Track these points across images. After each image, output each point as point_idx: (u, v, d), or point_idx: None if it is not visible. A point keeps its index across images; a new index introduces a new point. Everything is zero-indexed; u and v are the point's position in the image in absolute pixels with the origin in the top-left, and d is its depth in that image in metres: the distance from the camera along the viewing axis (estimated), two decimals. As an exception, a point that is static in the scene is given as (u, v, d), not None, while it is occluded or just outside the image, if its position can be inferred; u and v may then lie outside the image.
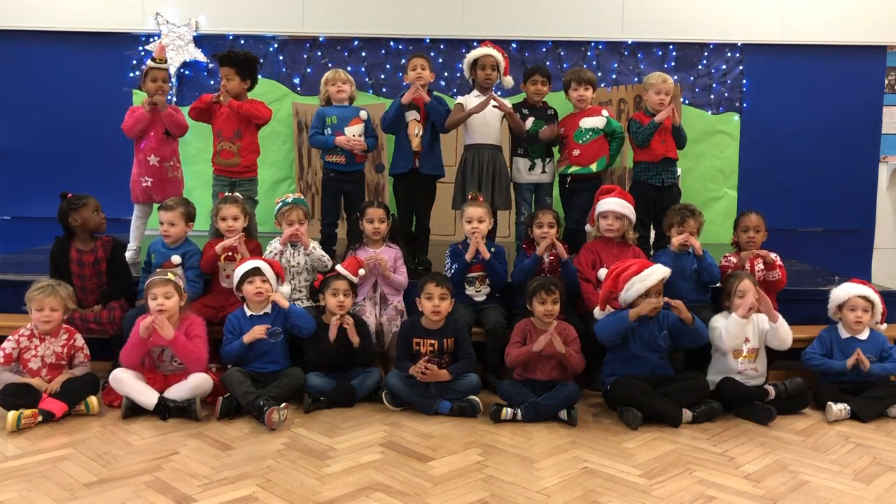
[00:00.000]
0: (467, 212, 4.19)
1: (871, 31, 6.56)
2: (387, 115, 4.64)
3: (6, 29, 6.46)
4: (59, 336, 3.65)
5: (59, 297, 3.60)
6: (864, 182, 6.76)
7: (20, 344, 3.59)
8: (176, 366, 3.65)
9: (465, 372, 3.68)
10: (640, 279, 3.63)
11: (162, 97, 4.62)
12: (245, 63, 4.71)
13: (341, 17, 6.51)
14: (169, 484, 2.79)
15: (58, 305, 3.59)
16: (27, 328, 3.63)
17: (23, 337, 3.61)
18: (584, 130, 4.67)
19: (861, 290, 3.91)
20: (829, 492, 2.86)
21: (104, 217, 4.16)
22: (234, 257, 4.09)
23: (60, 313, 3.61)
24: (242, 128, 4.69)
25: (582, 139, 4.67)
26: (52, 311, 3.58)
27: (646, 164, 4.71)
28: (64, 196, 4.10)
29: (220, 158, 4.72)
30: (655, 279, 3.62)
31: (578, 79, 4.69)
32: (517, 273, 4.18)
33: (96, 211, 4.10)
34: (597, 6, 6.55)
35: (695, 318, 3.67)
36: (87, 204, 4.06)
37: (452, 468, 3.00)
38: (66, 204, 4.07)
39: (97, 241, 4.13)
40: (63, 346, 3.65)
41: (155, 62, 4.67)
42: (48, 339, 3.62)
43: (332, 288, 3.78)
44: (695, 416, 3.54)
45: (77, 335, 3.72)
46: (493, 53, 4.67)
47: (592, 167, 4.66)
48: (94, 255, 4.09)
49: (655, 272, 3.64)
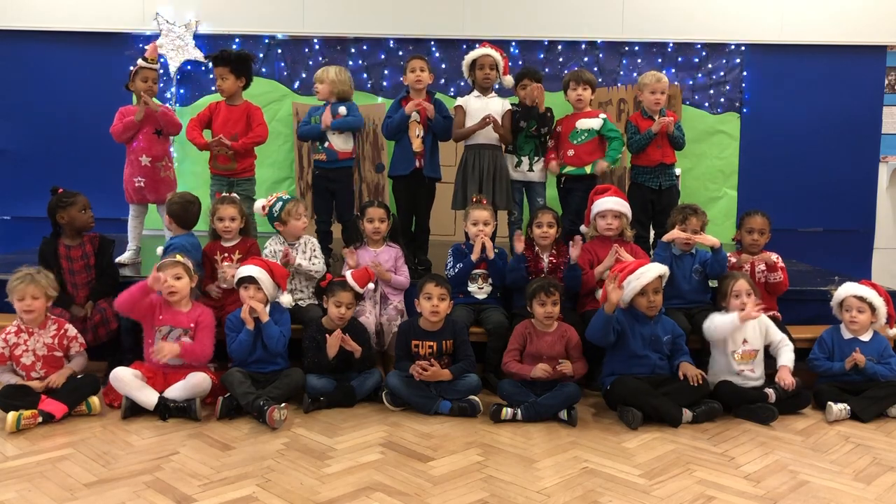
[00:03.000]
0: (472, 214, 4.19)
1: (871, 31, 6.57)
2: (389, 124, 4.63)
3: (6, 29, 6.46)
4: (47, 327, 3.61)
5: (39, 285, 3.55)
6: (864, 182, 6.76)
7: (8, 342, 3.55)
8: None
9: (464, 372, 3.68)
10: (635, 277, 3.64)
11: (152, 100, 4.62)
12: (238, 62, 4.71)
13: (341, 17, 6.51)
14: (169, 484, 2.79)
15: (38, 293, 3.53)
16: (13, 325, 3.59)
17: (10, 334, 3.56)
18: (579, 131, 4.66)
19: (858, 291, 3.89)
20: (829, 492, 2.86)
21: (92, 216, 4.11)
22: (231, 258, 4.09)
23: (42, 301, 3.55)
24: (239, 133, 4.70)
25: (577, 139, 4.66)
26: (33, 300, 3.52)
27: (642, 168, 4.72)
28: (55, 191, 4.08)
29: (217, 163, 4.73)
30: (650, 276, 3.62)
31: (577, 79, 4.69)
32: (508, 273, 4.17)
33: (84, 210, 4.05)
34: (597, 6, 6.55)
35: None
36: (76, 202, 4.02)
37: (452, 468, 2.99)
38: (55, 200, 4.04)
39: (84, 237, 4.11)
40: (53, 336, 3.62)
41: (147, 62, 4.68)
42: (36, 332, 3.58)
43: (337, 299, 3.75)
44: (695, 416, 3.54)
45: (68, 325, 3.69)
46: (491, 53, 4.67)
47: (587, 169, 4.64)
48: (81, 249, 4.07)
49: (650, 270, 3.65)
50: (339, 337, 3.65)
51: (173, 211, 4.17)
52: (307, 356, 3.77)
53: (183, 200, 4.22)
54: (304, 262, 4.12)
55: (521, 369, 3.64)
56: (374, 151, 6.44)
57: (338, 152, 4.66)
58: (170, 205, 4.20)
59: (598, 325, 3.62)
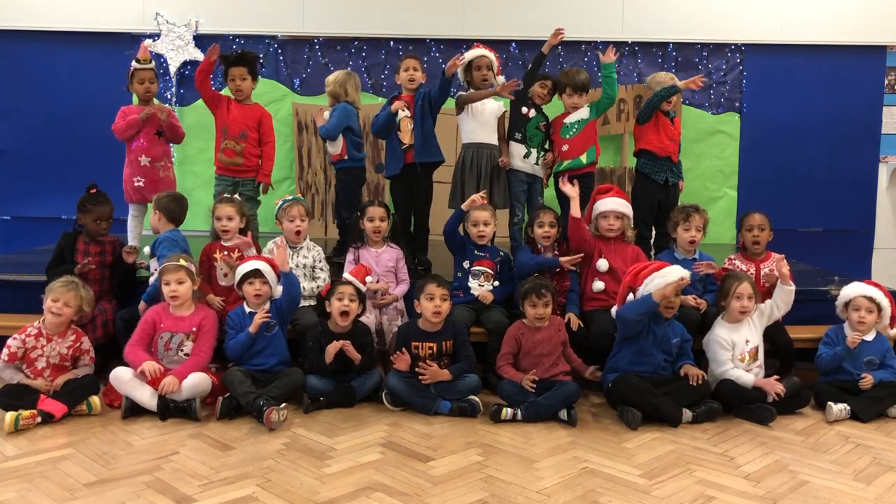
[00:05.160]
0: (473, 215, 4.19)
1: (871, 31, 6.57)
2: (376, 122, 4.66)
3: (6, 29, 6.46)
4: (66, 337, 3.62)
5: (79, 295, 3.58)
6: (864, 182, 6.76)
7: (26, 343, 3.54)
8: (181, 356, 3.64)
9: (464, 372, 3.68)
10: (661, 274, 3.63)
11: (158, 110, 4.64)
12: (255, 62, 4.78)
13: (341, 17, 6.52)
14: (169, 484, 2.79)
15: (73, 303, 3.55)
16: (34, 326, 3.58)
17: (30, 336, 3.56)
18: (569, 125, 4.69)
19: (867, 291, 3.88)
20: (829, 492, 2.86)
21: (104, 228, 4.12)
22: (230, 257, 4.09)
23: (73, 311, 3.57)
24: (248, 131, 4.70)
25: (568, 134, 4.69)
26: (65, 306, 3.53)
27: (652, 155, 4.69)
28: (89, 189, 4.13)
29: (223, 156, 4.71)
30: (676, 276, 3.62)
31: (574, 86, 4.67)
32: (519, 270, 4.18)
33: (97, 220, 4.07)
34: (597, 6, 6.56)
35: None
36: (92, 212, 4.06)
37: (452, 468, 2.99)
38: (81, 200, 4.10)
39: (105, 238, 4.15)
40: (69, 347, 3.62)
41: (139, 63, 4.68)
42: (55, 340, 3.58)
43: (338, 292, 3.75)
44: (695, 416, 3.54)
45: (84, 338, 3.70)
46: (486, 54, 4.69)
47: (582, 158, 4.66)
48: (100, 247, 4.11)
49: (675, 269, 3.66)
50: (337, 346, 3.65)
51: (164, 205, 4.15)
52: (308, 357, 3.76)
53: (172, 195, 4.24)
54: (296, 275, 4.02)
55: (514, 375, 3.65)
56: (374, 151, 6.44)
57: (331, 155, 4.79)
58: (159, 200, 4.18)
59: (639, 307, 3.61)
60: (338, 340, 3.67)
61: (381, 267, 4.20)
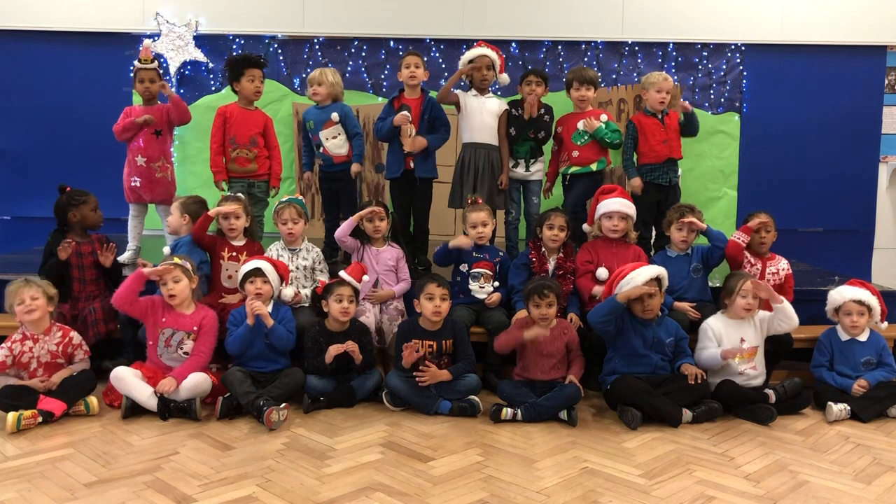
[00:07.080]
0: (470, 217, 4.19)
1: (871, 31, 6.57)
2: (381, 129, 4.63)
3: (6, 29, 6.46)
4: (51, 334, 3.61)
5: (36, 284, 3.57)
6: (864, 182, 6.77)
7: (13, 350, 3.53)
8: (181, 354, 3.64)
9: (464, 372, 3.68)
10: (627, 281, 3.65)
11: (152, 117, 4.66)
12: (264, 66, 4.82)
13: (341, 17, 6.52)
14: (169, 484, 2.79)
15: (37, 294, 3.54)
16: (18, 332, 3.58)
17: (15, 343, 3.55)
18: (580, 132, 4.68)
19: (856, 295, 3.87)
20: (829, 492, 2.86)
21: (102, 215, 4.19)
22: (237, 257, 4.09)
23: (43, 301, 3.55)
24: (258, 135, 4.71)
25: (580, 140, 4.68)
26: (32, 300, 3.52)
27: (650, 167, 4.71)
28: (62, 189, 4.12)
29: (236, 165, 4.68)
30: (642, 279, 3.62)
31: (580, 79, 4.69)
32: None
33: (95, 209, 4.13)
34: (597, 6, 6.56)
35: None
36: (88, 202, 4.10)
37: (452, 468, 2.99)
38: (65, 198, 4.09)
39: (92, 236, 4.17)
40: (58, 344, 3.61)
41: (141, 63, 4.70)
42: (41, 339, 3.58)
43: (337, 294, 3.74)
44: (695, 416, 3.54)
45: (73, 333, 3.69)
46: (488, 53, 4.67)
47: (592, 167, 4.68)
48: (91, 246, 4.11)
49: (642, 272, 3.65)
50: (341, 349, 3.65)
51: (194, 210, 4.19)
52: (308, 357, 3.76)
53: (199, 200, 4.30)
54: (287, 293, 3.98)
55: (506, 341, 3.65)
56: (374, 151, 6.44)
57: (333, 157, 4.71)
58: (187, 205, 4.23)
59: (605, 310, 3.62)
60: (336, 340, 3.67)
61: (381, 266, 4.20)
